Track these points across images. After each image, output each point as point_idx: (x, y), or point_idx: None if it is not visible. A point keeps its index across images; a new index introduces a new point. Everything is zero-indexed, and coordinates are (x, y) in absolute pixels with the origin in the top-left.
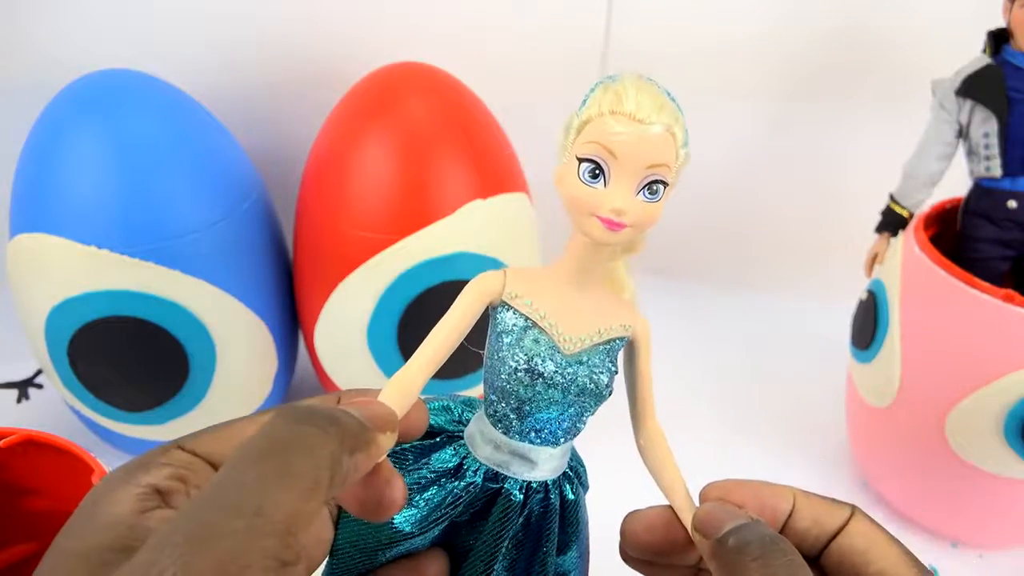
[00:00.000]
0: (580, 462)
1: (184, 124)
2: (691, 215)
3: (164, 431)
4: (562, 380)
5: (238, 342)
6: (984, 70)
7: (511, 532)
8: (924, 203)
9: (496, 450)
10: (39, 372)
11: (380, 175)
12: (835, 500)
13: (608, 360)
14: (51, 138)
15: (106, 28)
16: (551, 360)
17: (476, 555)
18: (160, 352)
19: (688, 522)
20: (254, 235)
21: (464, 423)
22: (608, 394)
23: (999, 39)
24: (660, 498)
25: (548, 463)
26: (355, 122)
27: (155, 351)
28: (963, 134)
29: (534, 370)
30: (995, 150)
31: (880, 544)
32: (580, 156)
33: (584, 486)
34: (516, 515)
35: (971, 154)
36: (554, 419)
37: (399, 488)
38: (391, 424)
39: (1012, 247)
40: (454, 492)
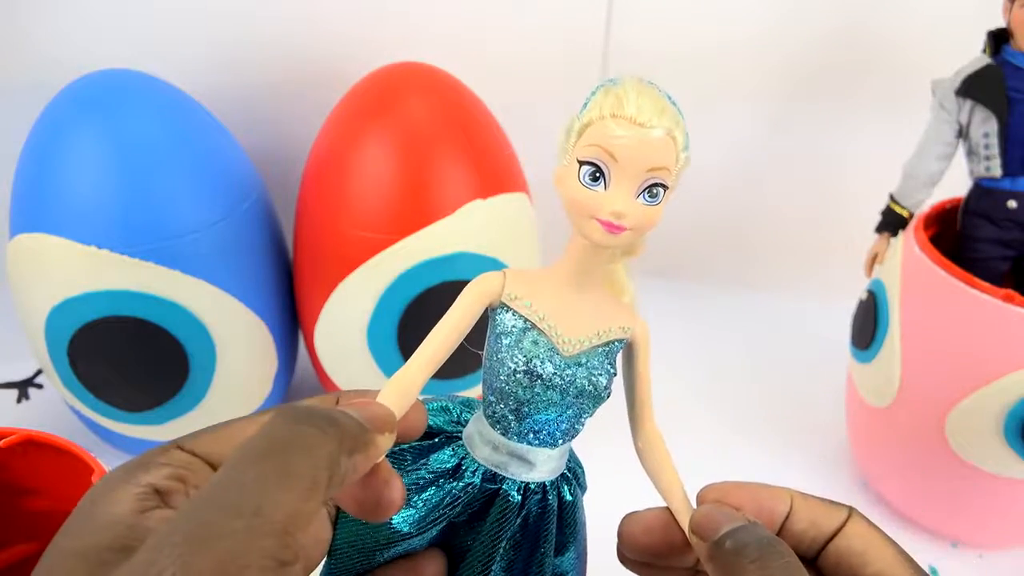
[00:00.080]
0: (578, 463)
1: (184, 124)
2: (691, 215)
3: (164, 431)
4: (561, 382)
5: (238, 342)
6: (984, 70)
7: (509, 533)
8: (924, 203)
9: (494, 451)
10: (39, 372)
11: (380, 175)
12: (832, 502)
13: (607, 362)
14: (51, 138)
15: (106, 28)
16: (550, 362)
17: (474, 556)
18: (160, 352)
19: (686, 524)
20: (254, 235)
21: (463, 424)
22: (606, 396)
23: (999, 39)
24: (658, 500)
25: (546, 464)
26: (355, 122)
27: (155, 351)
28: (963, 134)
29: (533, 372)
30: (995, 150)
31: (877, 545)
32: (581, 159)
33: (582, 487)
34: (514, 516)
35: (971, 154)
36: (552, 420)
37: (397, 488)
38: (390, 425)
39: (1012, 247)
40: (452, 493)
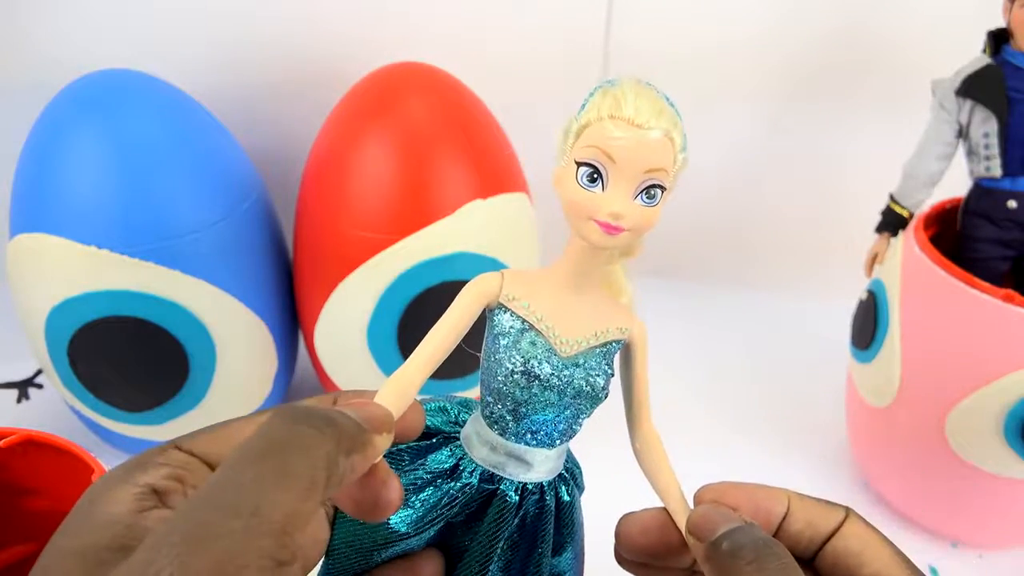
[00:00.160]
0: (576, 464)
1: (184, 124)
2: (691, 215)
3: (164, 431)
4: (558, 382)
5: (238, 342)
6: (984, 70)
7: (506, 533)
8: (924, 203)
9: (492, 451)
10: (39, 372)
11: (380, 175)
12: (829, 502)
13: (604, 363)
14: (51, 138)
15: (106, 28)
16: (547, 362)
17: (471, 556)
18: (160, 352)
19: (683, 524)
20: (254, 235)
21: (460, 424)
22: (604, 396)
23: (999, 39)
24: (655, 500)
25: (544, 464)
26: (355, 122)
27: (155, 351)
28: (963, 134)
29: (531, 372)
30: (995, 150)
31: (874, 546)
32: (579, 160)
33: (580, 487)
34: (512, 516)
35: (971, 154)
36: (550, 421)
37: (395, 489)
38: (387, 425)
39: (1012, 247)
40: (450, 493)
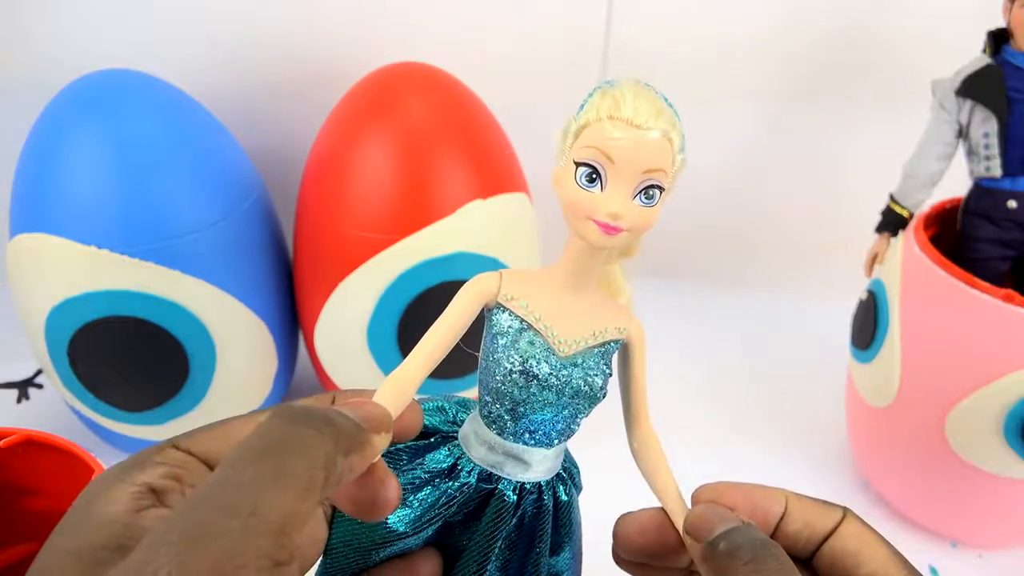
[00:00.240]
0: (574, 463)
1: (184, 124)
2: (691, 215)
3: (164, 431)
4: (557, 382)
5: (238, 342)
6: (984, 70)
7: (504, 532)
8: (924, 203)
9: (490, 451)
10: (39, 372)
11: (380, 175)
12: (827, 502)
13: (603, 362)
14: (51, 138)
15: (106, 28)
16: (546, 362)
17: (469, 555)
18: (160, 352)
19: (681, 525)
20: (254, 235)
21: (459, 424)
22: (602, 396)
23: (999, 39)
24: (653, 500)
25: (542, 464)
26: (355, 122)
27: (155, 351)
28: (963, 134)
29: (529, 372)
30: (995, 150)
31: (871, 546)
32: (577, 160)
33: (578, 487)
34: (509, 516)
35: (971, 154)
36: (548, 421)
37: (393, 488)
38: (385, 425)
39: (1012, 247)
40: (448, 492)
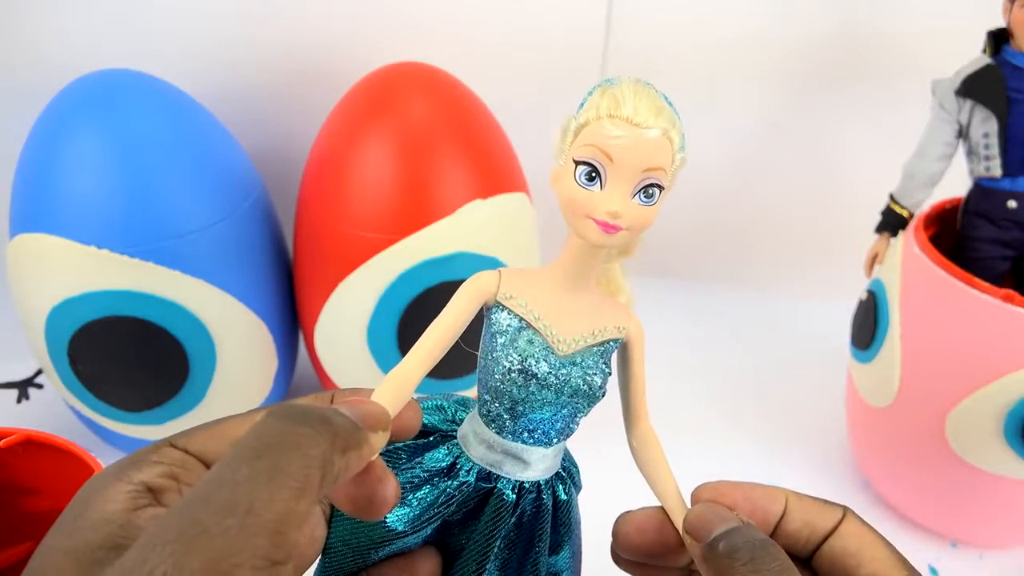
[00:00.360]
0: (573, 462)
1: (184, 124)
2: (691, 214)
3: (164, 431)
4: (556, 381)
5: (238, 342)
6: (984, 70)
7: (503, 532)
8: (924, 203)
9: (489, 450)
10: (39, 372)
11: (380, 175)
12: (827, 502)
13: (602, 361)
14: (51, 138)
15: (106, 28)
16: (545, 361)
17: (468, 554)
18: (160, 352)
19: (680, 524)
20: (254, 235)
21: (458, 423)
22: (601, 395)
23: (999, 39)
24: (653, 499)
25: (541, 463)
26: (355, 122)
27: (155, 351)
28: (963, 134)
29: (528, 371)
30: (995, 150)
31: (871, 545)
32: (577, 159)
33: (577, 486)
34: (508, 515)
35: (971, 154)
36: (547, 420)
37: (391, 487)
38: (383, 423)
39: (1012, 247)
40: (447, 491)
